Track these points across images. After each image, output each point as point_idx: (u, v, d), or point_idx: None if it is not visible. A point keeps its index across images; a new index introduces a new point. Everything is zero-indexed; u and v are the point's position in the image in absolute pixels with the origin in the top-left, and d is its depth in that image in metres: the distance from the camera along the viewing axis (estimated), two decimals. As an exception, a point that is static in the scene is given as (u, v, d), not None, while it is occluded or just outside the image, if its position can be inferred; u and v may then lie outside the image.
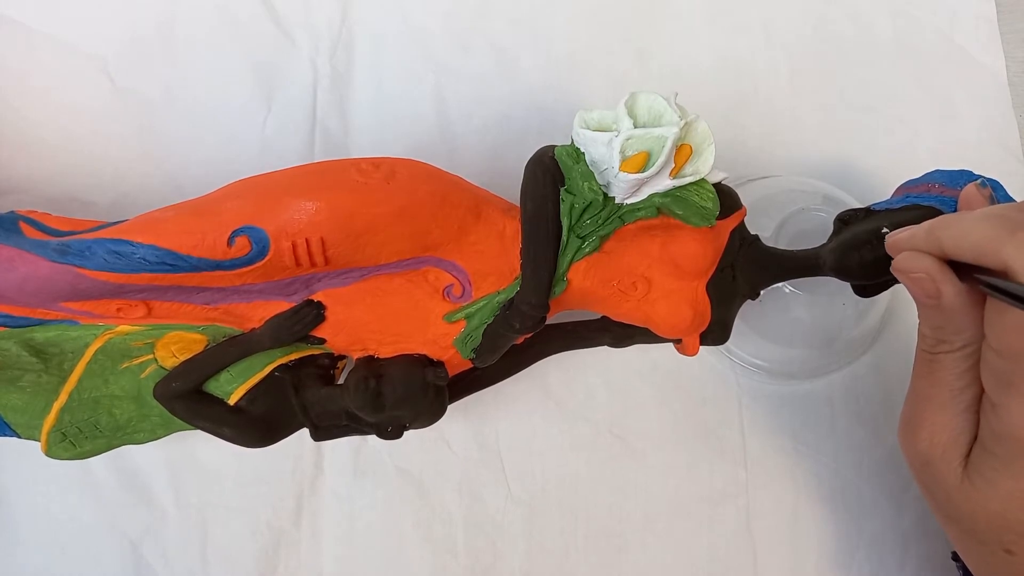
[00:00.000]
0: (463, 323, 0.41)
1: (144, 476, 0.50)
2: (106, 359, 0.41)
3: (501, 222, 0.40)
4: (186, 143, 0.51)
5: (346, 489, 0.51)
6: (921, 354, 0.39)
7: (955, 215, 0.38)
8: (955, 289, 0.35)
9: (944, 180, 0.43)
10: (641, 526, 0.51)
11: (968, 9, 0.57)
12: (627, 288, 0.41)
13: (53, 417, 0.40)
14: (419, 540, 0.51)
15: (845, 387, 0.53)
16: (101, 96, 0.51)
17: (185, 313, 0.40)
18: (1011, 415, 0.34)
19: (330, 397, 0.42)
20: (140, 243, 0.35)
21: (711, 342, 0.44)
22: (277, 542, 0.50)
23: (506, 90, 0.54)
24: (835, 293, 0.48)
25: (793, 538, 0.52)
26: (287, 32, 0.53)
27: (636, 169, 0.36)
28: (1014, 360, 0.33)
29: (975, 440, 0.37)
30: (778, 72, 0.56)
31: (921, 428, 0.38)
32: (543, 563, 0.51)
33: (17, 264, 0.36)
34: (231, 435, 0.41)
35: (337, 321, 0.41)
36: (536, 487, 0.51)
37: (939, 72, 0.56)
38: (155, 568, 0.49)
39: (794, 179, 0.53)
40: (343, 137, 0.53)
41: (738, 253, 0.42)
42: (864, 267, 0.40)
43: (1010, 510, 0.35)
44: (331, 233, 0.36)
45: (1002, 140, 0.56)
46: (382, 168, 0.38)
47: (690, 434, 0.52)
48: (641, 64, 0.55)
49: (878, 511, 0.52)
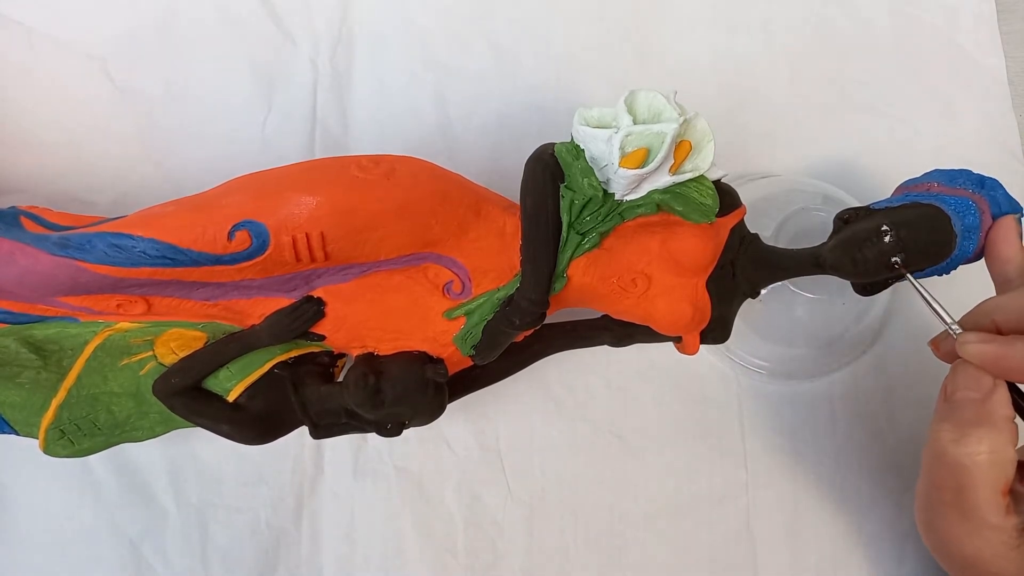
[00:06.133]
0: (463, 320, 0.41)
1: (144, 476, 0.50)
2: (105, 356, 0.41)
3: (501, 219, 0.40)
4: (186, 142, 0.51)
5: (346, 489, 0.51)
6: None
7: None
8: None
9: (944, 179, 0.43)
10: (641, 526, 0.51)
11: (968, 9, 0.57)
12: (627, 285, 0.41)
13: (51, 414, 0.40)
14: (419, 540, 0.50)
15: (845, 387, 0.53)
16: (101, 96, 0.51)
17: (185, 309, 0.40)
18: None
19: (329, 395, 0.42)
20: (140, 237, 0.35)
21: (711, 341, 0.44)
22: (277, 542, 0.50)
23: (506, 89, 0.54)
24: (835, 292, 0.48)
25: (793, 538, 0.52)
26: (287, 32, 0.53)
27: (636, 165, 0.36)
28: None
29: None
30: (778, 72, 0.56)
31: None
32: (543, 563, 0.51)
33: (18, 257, 0.36)
34: (230, 432, 0.41)
35: (337, 318, 0.41)
36: (536, 487, 0.51)
37: (939, 72, 0.56)
38: (155, 568, 0.49)
39: (794, 179, 0.54)
40: (343, 136, 0.53)
41: (738, 251, 0.42)
42: (864, 265, 0.40)
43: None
44: (331, 228, 0.36)
45: (1002, 140, 0.56)
46: (382, 165, 0.38)
47: (690, 434, 0.52)
48: (641, 64, 0.55)
49: (878, 511, 0.52)
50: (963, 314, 0.40)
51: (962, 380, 0.38)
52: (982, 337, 0.38)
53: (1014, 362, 0.36)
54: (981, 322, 0.39)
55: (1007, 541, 0.37)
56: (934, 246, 0.40)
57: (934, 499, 0.39)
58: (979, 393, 0.37)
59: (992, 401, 0.37)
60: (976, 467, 0.36)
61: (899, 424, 0.53)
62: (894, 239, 0.40)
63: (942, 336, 0.41)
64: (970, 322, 0.39)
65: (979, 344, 0.38)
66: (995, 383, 0.37)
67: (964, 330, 0.39)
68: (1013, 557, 0.36)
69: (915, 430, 0.52)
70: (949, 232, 0.40)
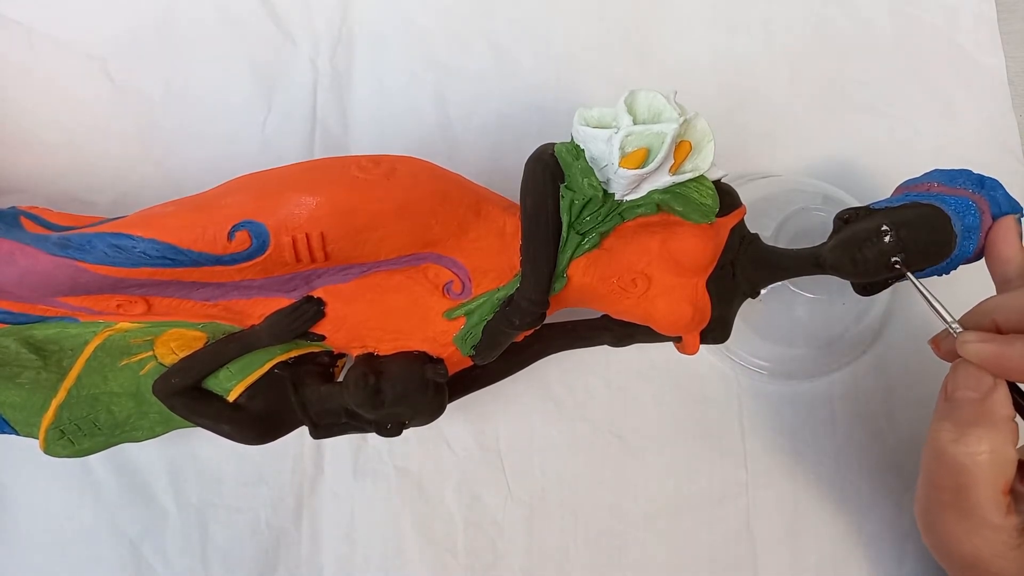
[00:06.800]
0: (463, 320, 0.41)
1: (144, 476, 0.50)
2: (105, 356, 0.41)
3: (501, 219, 0.40)
4: (186, 142, 0.51)
5: (346, 489, 0.51)
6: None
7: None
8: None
9: (944, 179, 0.43)
10: (641, 526, 0.51)
11: (968, 9, 0.57)
12: (627, 285, 0.41)
13: (51, 414, 0.40)
14: (419, 540, 0.50)
15: (845, 387, 0.53)
16: (101, 96, 0.51)
17: (185, 310, 0.40)
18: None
19: (329, 395, 0.42)
20: (141, 237, 0.35)
21: (711, 340, 0.44)
22: (277, 542, 0.50)
23: (506, 89, 0.54)
24: (835, 292, 0.48)
25: (793, 538, 0.52)
26: (287, 32, 0.53)
27: (636, 165, 0.36)
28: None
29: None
30: (778, 72, 0.56)
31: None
32: (543, 563, 0.51)
33: (18, 258, 0.36)
34: (230, 432, 0.41)
35: (337, 318, 0.41)
36: (536, 487, 0.51)
37: (939, 72, 0.56)
38: (155, 568, 0.49)
39: (794, 179, 0.54)
40: (343, 136, 0.53)
41: (738, 251, 0.42)
42: (864, 265, 0.40)
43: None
44: (331, 228, 0.36)
45: (1002, 140, 0.56)
46: (383, 165, 0.38)
47: (690, 434, 0.52)
48: (641, 64, 0.55)
49: (878, 511, 0.52)
50: (963, 313, 0.40)
51: (962, 379, 0.38)
52: (982, 336, 0.38)
53: (1014, 361, 0.36)
54: (981, 321, 0.39)
55: (1007, 541, 0.37)
56: (934, 246, 0.40)
57: (934, 499, 0.39)
58: (979, 392, 0.37)
59: (992, 400, 0.37)
60: (976, 466, 0.36)
61: (899, 424, 0.53)
62: (894, 239, 0.40)
63: (942, 335, 0.41)
64: (970, 321, 0.39)
65: (979, 343, 0.38)
66: (995, 382, 0.37)
67: (964, 329, 0.39)
68: (1013, 557, 0.36)
69: (915, 430, 0.52)
70: (949, 232, 0.40)
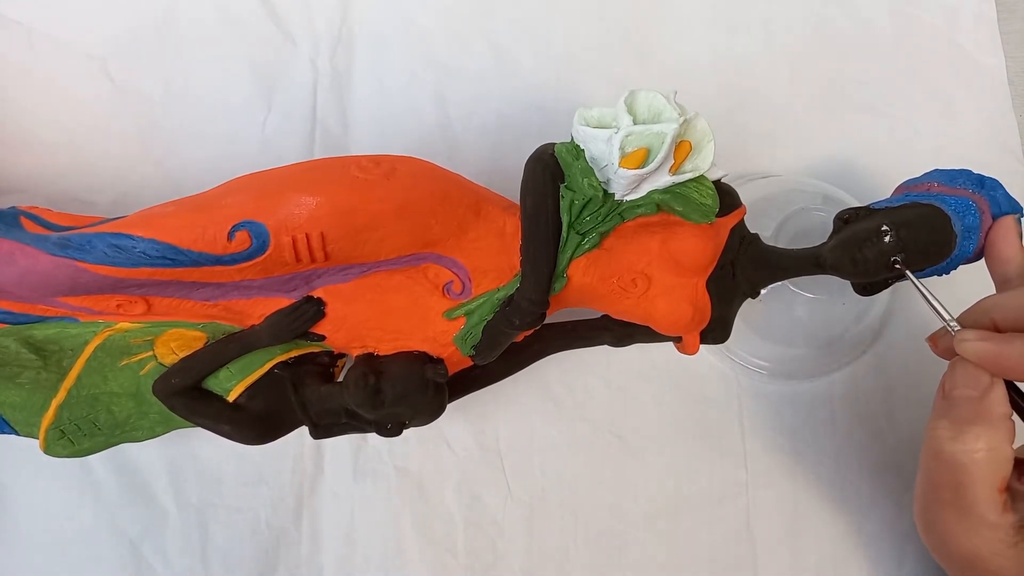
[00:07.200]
0: (463, 320, 0.41)
1: (144, 476, 0.50)
2: (105, 356, 0.41)
3: (501, 219, 0.40)
4: (186, 142, 0.51)
5: (346, 489, 0.51)
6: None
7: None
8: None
9: (943, 179, 0.43)
10: (641, 526, 0.51)
11: (968, 9, 0.57)
12: (627, 285, 0.41)
13: (52, 414, 0.40)
14: (419, 540, 0.50)
15: (845, 387, 0.53)
16: (101, 96, 0.51)
17: (185, 310, 0.40)
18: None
19: (329, 395, 0.42)
20: (141, 237, 0.35)
21: (711, 341, 0.44)
22: (277, 542, 0.50)
23: (506, 89, 0.54)
24: (835, 292, 0.48)
25: (793, 538, 0.52)
26: (287, 32, 0.53)
27: (636, 165, 0.36)
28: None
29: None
30: (778, 72, 0.56)
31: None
32: (543, 563, 0.51)
33: (17, 258, 0.36)
34: (230, 432, 0.41)
35: (337, 318, 0.41)
36: (536, 487, 0.51)
37: (939, 72, 0.56)
38: (155, 568, 0.49)
39: (794, 179, 0.54)
40: (343, 136, 0.53)
41: (738, 251, 0.42)
42: (864, 265, 0.40)
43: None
44: (331, 228, 0.36)
45: (1002, 140, 0.56)
46: (383, 165, 0.38)
47: (690, 434, 0.52)
48: (641, 64, 0.55)
49: (878, 511, 0.52)
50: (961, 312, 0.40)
51: (960, 377, 0.38)
52: (980, 335, 0.38)
53: (1012, 360, 0.36)
54: (980, 320, 0.39)
55: (1005, 539, 0.37)
56: (934, 246, 0.40)
57: (932, 497, 0.39)
58: (977, 391, 0.37)
59: (989, 399, 0.37)
60: (973, 464, 0.37)
61: (899, 424, 0.53)
62: (894, 239, 0.40)
63: (940, 332, 0.41)
64: (969, 320, 0.39)
65: (977, 342, 0.38)
66: (993, 381, 0.37)
67: (962, 327, 0.39)
68: (1011, 555, 0.37)
69: (915, 430, 0.52)
70: (949, 232, 0.40)
